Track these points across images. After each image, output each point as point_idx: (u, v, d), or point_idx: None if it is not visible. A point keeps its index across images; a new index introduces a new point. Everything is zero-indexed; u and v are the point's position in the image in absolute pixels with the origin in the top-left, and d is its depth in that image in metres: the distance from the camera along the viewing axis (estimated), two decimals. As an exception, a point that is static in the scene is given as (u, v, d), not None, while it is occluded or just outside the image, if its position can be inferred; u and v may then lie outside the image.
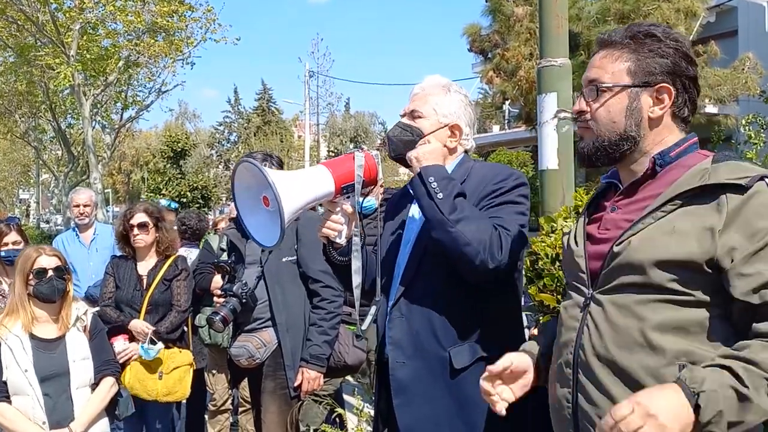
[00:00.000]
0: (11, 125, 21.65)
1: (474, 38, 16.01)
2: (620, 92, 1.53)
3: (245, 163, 1.83)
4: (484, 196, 2.01)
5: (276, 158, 3.39)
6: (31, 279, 2.89)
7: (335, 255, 2.06)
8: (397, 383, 2.02)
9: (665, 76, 1.52)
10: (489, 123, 29.40)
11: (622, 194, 1.59)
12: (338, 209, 1.96)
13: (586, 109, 1.58)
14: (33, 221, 34.03)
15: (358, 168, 1.92)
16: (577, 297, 1.58)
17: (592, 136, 1.57)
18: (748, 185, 1.36)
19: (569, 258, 1.64)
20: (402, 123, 2.09)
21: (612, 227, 1.55)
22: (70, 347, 2.97)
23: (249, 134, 42.42)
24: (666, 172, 1.52)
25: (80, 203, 5.12)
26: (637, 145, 1.54)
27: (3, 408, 2.80)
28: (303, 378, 3.19)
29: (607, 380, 1.45)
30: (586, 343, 1.51)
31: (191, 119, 46.41)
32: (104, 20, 14.29)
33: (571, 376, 1.54)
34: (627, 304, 1.45)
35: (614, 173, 1.66)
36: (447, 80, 2.17)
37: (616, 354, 1.44)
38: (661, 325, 1.40)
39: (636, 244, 1.44)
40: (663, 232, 1.41)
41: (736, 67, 14.58)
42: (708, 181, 1.40)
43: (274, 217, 1.77)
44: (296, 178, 1.83)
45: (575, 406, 1.53)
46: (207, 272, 4.21)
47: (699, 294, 1.39)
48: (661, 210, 1.44)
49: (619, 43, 1.56)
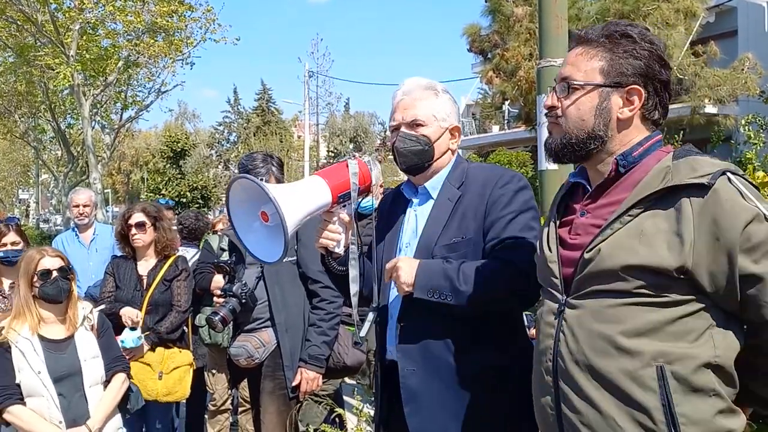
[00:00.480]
0: (11, 125, 21.65)
1: (474, 38, 16.01)
2: (591, 91, 1.53)
3: (242, 179, 1.79)
4: (491, 205, 1.98)
5: (276, 159, 3.38)
6: (35, 281, 2.90)
7: (334, 265, 2.05)
8: (409, 391, 2.00)
9: (637, 77, 1.51)
10: (489, 123, 29.38)
11: (590, 197, 1.58)
12: (335, 218, 1.96)
13: (557, 104, 1.58)
14: (33, 221, 34.04)
15: (353, 176, 1.91)
16: (551, 303, 1.58)
17: (560, 132, 1.57)
18: (709, 183, 1.35)
19: (543, 263, 1.62)
20: (407, 134, 2.05)
21: (582, 232, 1.55)
22: (80, 346, 2.98)
23: (248, 134, 42.40)
24: (631, 173, 1.52)
25: (80, 203, 5.11)
26: (604, 145, 1.54)
27: (19, 410, 2.82)
28: (302, 378, 3.18)
29: (587, 386, 1.45)
30: (563, 350, 1.50)
31: (191, 119, 46.52)
32: (104, 20, 14.29)
33: (552, 383, 1.54)
34: (601, 310, 1.45)
35: (582, 171, 1.65)
36: (428, 81, 2.13)
37: (594, 359, 1.44)
38: (636, 329, 1.40)
39: (606, 251, 1.44)
40: (631, 238, 1.41)
41: (735, 68, 14.58)
42: (671, 181, 1.39)
43: (273, 232, 1.74)
44: (295, 192, 1.81)
45: (558, 414, 1.53)
46: (207, 272, 4.21)
47: (672, 296, 1.39)
48: (628, 214, 1.43)
49: (594, 41, 1.55)
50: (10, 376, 2.83)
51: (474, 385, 1.95)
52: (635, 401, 1.40)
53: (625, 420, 1.41)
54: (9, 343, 2.85)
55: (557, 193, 1.73)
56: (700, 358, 1.38)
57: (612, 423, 1.42)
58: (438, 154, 2.07)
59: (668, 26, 12.93)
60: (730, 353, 1.41)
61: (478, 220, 1.98)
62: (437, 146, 2.06)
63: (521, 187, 2.02)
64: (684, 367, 1.38)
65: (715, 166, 1.39)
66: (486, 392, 1.95)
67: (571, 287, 1.52)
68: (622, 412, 1.41)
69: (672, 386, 1.37)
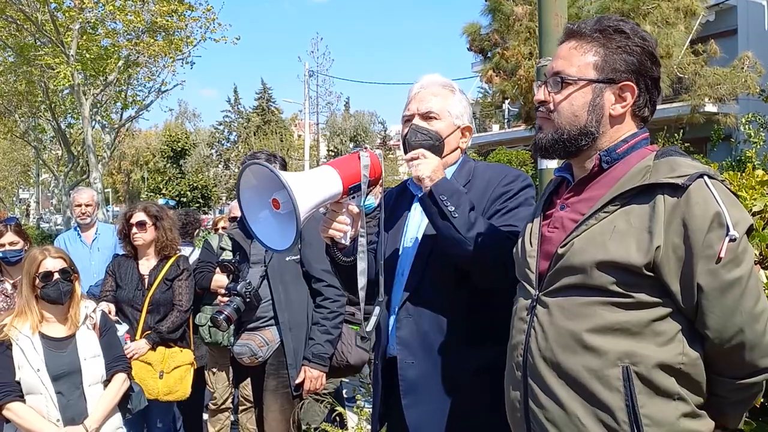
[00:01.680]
0: (11, 125, 21.63)
1: (473, 37, 16.01)
2: (584, 86, 1.50)
3: (255, 166, 1.77)
4: (495, 199, 2.02)
5: (279, 158, 3.40)
6: (37, 282, 2.91)
7: (339, 256, 2.05)
8: (407, 383, 2.02)
9: (630, 74, 1.50)
10: (489, 122, 29.38)
11: (572, 191, 1.58)
12: (343, 209, 1.96)
13: (548, 99, 1.55)
14: (33, 221, 34.02)
15: (365, 168, 1.90)
16: (524, 299, 1.58)
17: (552, 127, 1.54)
18: (685, 185, 1.34)
19: (522, 257, 1.62)
20: (420, 127, 2.06)
21: (559, 226, 1.54)
22: (81, 345, 2.99)
23: (249, 134, 42.39)
24: (612, 169, 1.50)
25: (82, 203, 5.12)
26: (595, 142, 1.52)
27: (18, 407, 2.83)
28: (305, 377, 3.19)
29: (553, 382, 1.46)
30: (533, 346, 1.50)
31: (191, 119, 46.47)
32: (104, 20, 14.28)
33: (521, 378, 1.54)
34: (570, 307, 1.44)
35: (567, 166, 1.64)
36: (447, 79, 2.16)
37: (561, 356, 1.44)
38: (602, 328, 1.40)
39: (578, 246, 1.43)
40: (604, 234, 1.40)
41: (735, 66, 14.58)
42: (648, 180, 1.38)
43: (283, 219, 1.74)
44: (307, 180, 1.80)
45: (526, 409, 1.53)
46: (207, 271, 4.22)
47: (641, 296, 1.38)
48: (604, 211, 1.43)
49: (588, 36, 1.53)
50: (10, 372, 2.84)
51: (473, 379, 1.97)
52: (599, 400, 1.40)
53: (589, 418, 1.40)
54: (10, 341, 2.87)
55: (545, 189, 1.72)
56: (667, 361, 1.37)
57: (576, 421, 1.42)
58: (447, 150, 2.09)
59: (668, 25, 12.94)
60: (696, 360, 1.39)
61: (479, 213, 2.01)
62: (447, 142, 2.08)
63: (526, 185, 2.05)
64: (649, 369, 1.37)
65: (694, 168, 1.37)
66: (484, 386, 1.96)
67: (543, 282, 1.52)
68: (586, 410, 1.41)
69: (637, 387, 1.37)
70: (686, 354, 1.38)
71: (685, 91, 15.46)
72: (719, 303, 1.34)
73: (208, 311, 4.27)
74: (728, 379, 1.40)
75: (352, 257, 2.00)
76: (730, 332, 1.35)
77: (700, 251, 1.32)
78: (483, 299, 1.98)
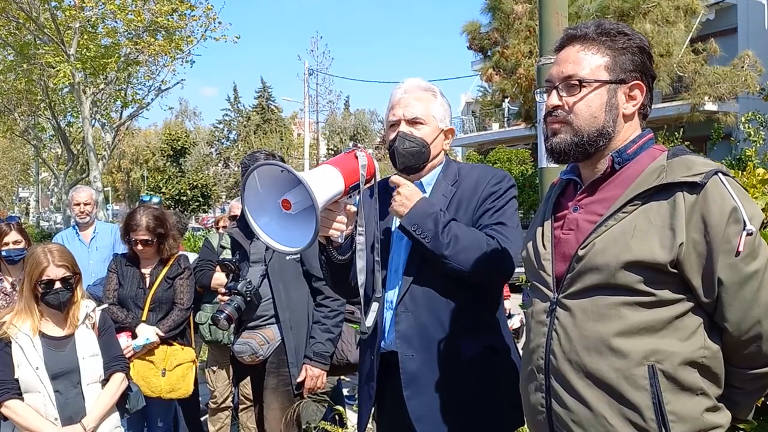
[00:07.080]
0: (11, 123, 21.59)
1: (473, 36, 16.03)
2: (599, 87, 1.53)
3: (266, 166, 1.74)
4: (485, 198, 2.11)
5: (279, 158, 3.40)
6: (38, 287, 2.91)
7: (335, 254, 2.06)
8: (408, 375, 2.06)
9: (638, 73, 1.54)
10: (488, 121, 29.39)
11: (584, 193, 1.59)
12: (341, 209, 1.97)
13: (560, 103, 1.56)
14: (33, 219, 34.01)
15: (362, 168, 1.93)
16: (542, 302, 1.58)
17: (571, 131, 1.55)
18: (702, 182, 1.38)
19: (536, 260, 1.63)
20: (406, 134, 2.12)
21: (575, 228, 1.55)
22: (80, 344, 2.99)
23: (248, 132, 42.41)
24: (625, 170, 1.53)
25: (81, 202, 5.11)
26: (610, 142, 1.55)
27: (16, 405, 2.84)
28: (306, 375, 3.20)
29: (579, 384, 1.47)
30: (556, 349, 1.51)
31: (191, 117, 46.48)
32: (104, 19, 14.27)
33: (543, 381, 1.55)
34: (593, 308, 1.45)
35: (573, 168, 1.65)
36: (429, 83, 2.22)
37: (586, 358, 1.45)
38: (628, 328, 1.42)
39: (600, 247, 1.45)
40: (625, 234, 1.42)
41: (735, 65, 14.60)
42: (665, 179, 1.42)
43: (293, 219, 1.74)
44: (317, 179, 1.78)
45: (549, 411, 1.54)
46: (207, 269, 4.22)
47: (665, 293, 1.40)
48: (623, 211, 1.45)
49: (594, 39, 1.55)
50: (9, 370, 2.85)
51: (473, 368, 2.04)
52: (627, 400, 1.41)
53: (617, 418, 1.42)
54: (9, 339, 2.87)
55: (550, 191, 1.73)
56: (690, 356, 1.40)
57: (603, 421, 1.43)
58: (433, 154, 2.17)
59: (668, 23, 12.94)
60: (717, 353, 1.43)
61: (470, 213, 2.11)
62: (433, 147, 2.16)
63: (511, 185, 2.18)
64: (674, 365, 1.39)
65: (708, 165, 1.41)
66: (482, 373, 2.04)
67: (563, 285, 1.52)
68: (613, 410, 1.43)
69: (662, 384, 1.39)
70: (707, 347, 1.42)
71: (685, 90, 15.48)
72: (738, 296, 1.37)
73: (209, 309, 4.28)
74: (743, 370, 1.45)
75: (346, 255, 2.03)
76: (748, 324, 1.39)
77: (720, 246, 1.35)
78: (479, 290, 2.06)
